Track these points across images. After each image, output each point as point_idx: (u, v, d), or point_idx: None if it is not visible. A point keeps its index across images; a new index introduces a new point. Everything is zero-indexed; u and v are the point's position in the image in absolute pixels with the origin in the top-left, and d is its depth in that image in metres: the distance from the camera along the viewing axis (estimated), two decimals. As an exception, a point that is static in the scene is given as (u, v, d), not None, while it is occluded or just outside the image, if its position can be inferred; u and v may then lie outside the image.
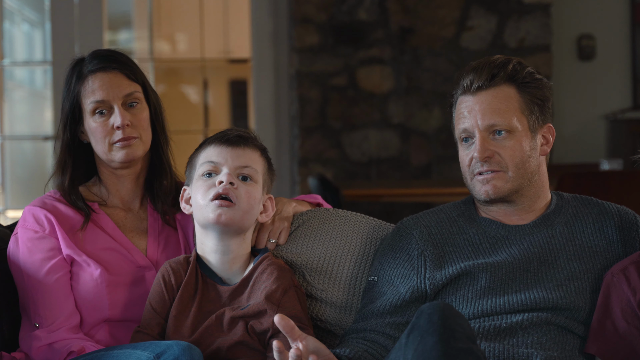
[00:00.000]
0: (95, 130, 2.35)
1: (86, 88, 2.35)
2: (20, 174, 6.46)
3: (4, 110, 6.08)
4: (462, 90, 2.26)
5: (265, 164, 2.32)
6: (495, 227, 2.28)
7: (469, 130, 2.24)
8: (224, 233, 2.24)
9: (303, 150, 5.70)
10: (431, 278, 2.23)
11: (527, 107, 2.24)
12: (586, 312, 2.18)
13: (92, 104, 2.34)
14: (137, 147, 2.35)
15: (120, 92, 2.34)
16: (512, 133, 2.22)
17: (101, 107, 2.33)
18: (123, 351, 2.07)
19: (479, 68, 2.25)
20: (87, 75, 2.34)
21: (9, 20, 6.30)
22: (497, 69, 2.24)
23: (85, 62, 2.37)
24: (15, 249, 2.33)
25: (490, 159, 2.22)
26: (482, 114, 2.22)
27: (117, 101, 2.33)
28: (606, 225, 2.30)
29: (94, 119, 2.35)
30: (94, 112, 2.34)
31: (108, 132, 2.33)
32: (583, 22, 6.08)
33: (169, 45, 8.12)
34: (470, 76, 2.25)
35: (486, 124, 2.22)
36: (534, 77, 2.27)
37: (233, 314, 2.20)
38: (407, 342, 1.92)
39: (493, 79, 2.23)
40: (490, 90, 2.24)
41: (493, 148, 2.22)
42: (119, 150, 2.34)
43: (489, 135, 2.23)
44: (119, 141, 2.33)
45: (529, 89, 2.25)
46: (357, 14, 5.66)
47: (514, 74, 2.25)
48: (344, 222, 2.47)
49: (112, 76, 2.34)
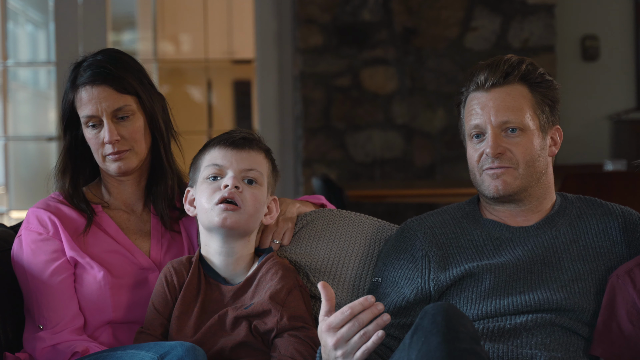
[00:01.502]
0: (89, 141, 2.36)
1: (78, 99, 2.34)
2: (24, 175, 6.46)
3: (7, 110, 6.08)
4: (475, 87, 2.27)
5: (269, 166, 2.32)
6: (500, 229, 2.28)
7: (481, 127, 2.25)
8: (229, 236, 2.23)
9: (307, 150, 5.70)
10: (435, 279, 2.23)
11: (538, 107, 2.26)
12: (590, 313, 2.18)
13: (83, 117, 2.34)
14: (129, 160, 2.35)
15: (109, 107, 2.32)
16: (524, 131, 2.23)
17: (92, 121, 2.33)
18: (127, 352, 2.07)
19: (493, 65, 2.26)
20: (79, 86, 2.34)
21: (12, 21, 6.31)
22: (511, 68, 2.25)
23: (81, 70, 2.35)
24: (19, 251, 2.33)
25: (501, 155, 2.23)
26: (496, 110, 2.23)
27: (107, 116, 2.32)
28: (610, 226, 2.30)
29: (88, 131, 2.35)
30: (87, 125, 2.34)
31: (100, 145, 2.34)
32: (587, 22, 6.07)
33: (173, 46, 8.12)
34: (485, 73, 2.25)
35: (500, 120, 2.23)
36: (545, 78, 2.29)
37: (236, 313, 2.19)
38: (411, 342, 1.92)
39: (507, 76, 2.25)
40: (505, 87, 2.25)
41: (505, 145, 2.23)
42: (112, 162, 2.34)
43: (501, 132, 2.23)
44: (110, 155, 2.33)
45: (540, 89, 2.27)
46: (361, 15, 5.66)
47: (527, 74, 2.26)
48: (347, 222, 2.47)
49: (101, 90, 2.32)
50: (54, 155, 5.98)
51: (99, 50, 2.40)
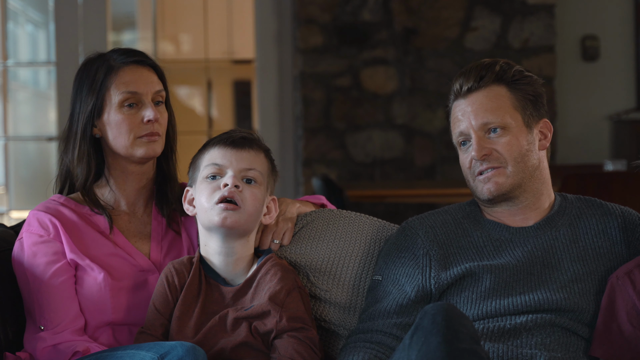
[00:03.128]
0: (120, 123, 2.33)
1: (118, 80, 2.33)
2: (24, 175, 6.46)
3: (7, 111, 6.08)
4: (455, 95, 2.31)
5: (269, 165, 2.32)
6: (500, 230, 2.29)
7: (465, 133, 2.28)
8: (229, 236, 2.23)
9: (307, 151, 5.70)
10: (436, 277, 2.24)
11: (519, 104, 2.28)
12: (590, 313, 2.18)
13: (123, 94, 2.32)
14: (158, 145, 2.36)
15: (152, 88, 2.35)
16: (506, 129, 2.25)
17: (132, 99, 2.33)
18: (127, 352, 2.07)
19: (466, 72, 2.30)
20: (120, 67, 2.34)
21: (13, 21, 6.31)
22: (485, 70, 2.28)
23: (112, 57, 2.36)
24: (20, 253, 2.33)
25: (488, 156, 2.25)
26: (475, 114, 2.26)
27: (148, 96, 2.34)
28: (610, 227, 2.30)
29: (122, 111, 2.33)
30: (122, 105, 2.33)
31: (136, 125, 2.33)
32: (587, 22, 6.07)
33: (173, 46, 8.13)
34: (460, 80, 2.29)
35: (480, 122, 2.25)
36: (523, 74, 2.30)
37: (237, 314, 2.19)
38: (411, 342, 1.92)
39: (481, 79, 2.28)
40: (481, 91, 2.28)
41: (489, 146, 2.25)
42: (143, 145, 2.33)
43: (484, 134, 2.26)
44: (145, 135, 2.33)
45: (519, 86, 2.29)
46: (361, 15, 5.66)
47: (502, 74, 2.28)
48: (348, 222, 2.47)
49: (146, 71, 2.36)
50: (54, 155, 5.97)
51: (117, 48, 2.43)
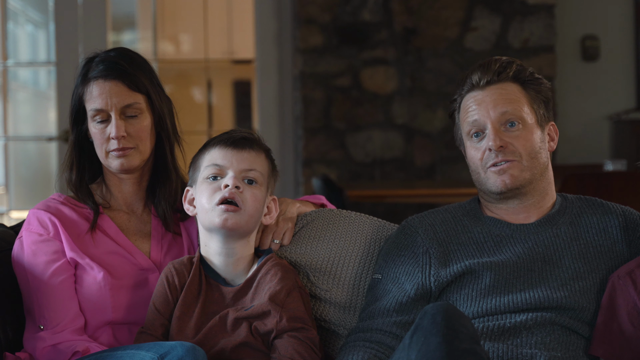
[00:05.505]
0: (94, 136, 2.36)
1: (88, 93, 2.34)
2: (24, 175, 6.46)
3: (7, 111, 6.08)
4: (470, 87, 2.30)
5: (269, 166, 2.32)
6: (500, 226, 2.29)
7: (480, 122, 2.26)
8: (229, 237, 2.23)
9: (307, 150, 5.70)
10: (436, 275, 2.24)
11: (534, 102, 2.30)
12: (591, 312, 2.18)
13: (91, 110, 2.34)
14: (133, 158, 2.35)
15: (119, 103, 2.32)
16: (523, 124, 2.26)
17: (99, 115, 2.33)
18: (127, 352, 2.07)
19: (485, 65, 2.30)
20: (90, 80, 2.34)
21: (12, 21, 6.31)
22: (503, 67, 2.29)
23: (93, 64, 2.36)
24: (20, 252, 2.33)
25: (504, 148, 2.24)
26: (494, 104, 2.26)
27: (115, 111, 2.32)
28: (610, 225, 2.30)
29: (94, 125, 2.35)
30: (93, 119, 2.34)
31: (105, 140, 2.33)
32: (587, 22, 6.07)
33: (173, 46, 8.13)
34: (478, 73, 2.29)
35: (499, 112, 2.25)
36: (535, 76, 2.33)
37: (237, 314, 2.19)
38: (411, 342, 1.92)
39: (500, 74, 2.28)
40: (499, 84, 2.28)
41: (506, 139, 2.25)
42: (115, 159, 2.34)
43: (500, 127, 2.25)
44: (114, 151, 2.33)
45: (532, 86, 2.31)
46: (361, 15, 5.66)
47: (518, 73, 2.30)
48: (348, 222, 2.47)
49: (113, 85, 2.32)
50: (54, 155, 5.97)
51: (111, 48, 2.41)
